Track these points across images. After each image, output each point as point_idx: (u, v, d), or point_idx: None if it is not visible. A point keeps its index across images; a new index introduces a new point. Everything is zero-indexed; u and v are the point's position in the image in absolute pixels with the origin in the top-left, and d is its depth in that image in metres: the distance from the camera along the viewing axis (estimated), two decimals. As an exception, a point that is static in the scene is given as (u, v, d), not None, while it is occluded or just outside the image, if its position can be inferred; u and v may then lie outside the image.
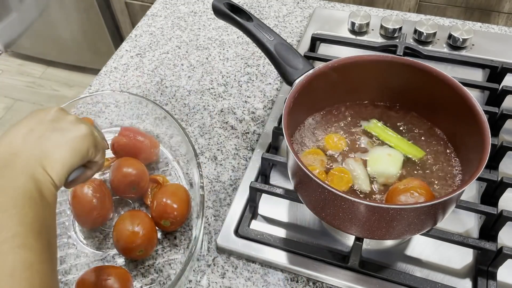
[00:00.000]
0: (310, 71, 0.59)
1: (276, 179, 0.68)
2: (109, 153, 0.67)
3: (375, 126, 0.61)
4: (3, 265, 0.34)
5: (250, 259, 0.60)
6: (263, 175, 0.67)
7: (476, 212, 0.59)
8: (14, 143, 0.42)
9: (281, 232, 0.62)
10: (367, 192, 0.55)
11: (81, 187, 0.61)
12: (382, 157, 0.57)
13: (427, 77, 0.58)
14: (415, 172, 0.57)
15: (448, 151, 0.59)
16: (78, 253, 0.61)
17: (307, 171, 0.48)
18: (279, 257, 0.59)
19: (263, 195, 0.65)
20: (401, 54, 0.80)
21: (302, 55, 0.67)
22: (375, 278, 0.56)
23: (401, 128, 0.62)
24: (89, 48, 2.11)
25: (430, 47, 0.85)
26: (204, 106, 0.80)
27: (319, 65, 0.59)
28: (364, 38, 0.88)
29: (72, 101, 0.71)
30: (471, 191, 0.64)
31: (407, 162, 0.58)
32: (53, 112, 0.46)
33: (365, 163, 0.58)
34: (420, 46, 0.83)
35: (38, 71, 2.32)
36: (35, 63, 2.34)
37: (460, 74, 0.78)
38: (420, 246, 0.60)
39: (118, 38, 2.04)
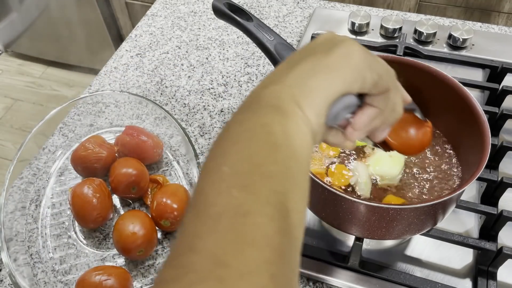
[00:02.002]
0: (310, 71, 0.59)
1: (276, 179, 0.68)
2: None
3: None
4: (212, 205, 0.25)
5: (250, 259, 0.60)
6: (263, 175, 0.67)
7: (476, 212, 0.59)
8: (269, 76, 0.34)
9: (281, 232, 0.62)
10: (367, 195, 0.55)
11: (81, 187, 0.61)
12: (383, 158, 0.57)
13: (427, 77, 0.58)
14: (416, 172, 0.57)
15: (448, 151, 0.59)
16: (78, 253, 0.61)
17: (307, 171, 0.48)
18: (279, 257, 0.59)
19: (263, 195, 0.65)
20: (401, 54, 0.80)
21: (302, 55, 0.66)
22: (375, 278, 0.56)
23: (401, 128, 0.62)
24: (89, 48, 2.11)
25: (430, 47, 0.85)
26: (204, 106, 0.80)
27: (319, 65, 0.59)
28: (364, 38, 0.88)
29: (72, 101, 0.71)
30: (471, 191, 0.64)
31: (408, 163, 0.58)
32: (322, 36, 0.36)
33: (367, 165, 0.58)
34: (420, 46, 0.83)
35: (38, 71, 2.32)
36: (35, 63, 2.34)
37: (460, 74, 0.78)
38: (420, 246, 0.60)
39: (118, 38, 2.04)
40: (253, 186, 0.26)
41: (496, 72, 0.77)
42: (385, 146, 0.47)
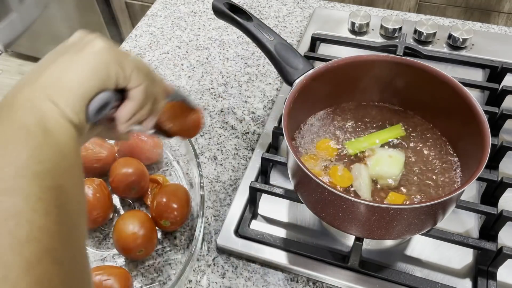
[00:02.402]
0: (310, 71, 0.59)
1: (276, 179, 0.68)
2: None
3: (355, 144, 0.60)
4: None
5: (250, 259, 0.60)
6: (263, 175, 0.67)
7: (476, 212, 0.59)
8: (21, 80, 0.34)
9: (281, 232, 0.62)
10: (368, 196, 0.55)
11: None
12: (383, 159, 0.57)
13: (427, 77, 0.58)
14: (415, 172, 0.57)
15: (448, 151, 0.59)
16: (78, 253, 0.61)
17: (307, 171, 0.48)
18: (279, 257, 0.59)
19: (263, 195, 0.65)
20: (401, 54, 0.80)
21: (302, 55, 0.67)
22: (375, 278, 0.56)
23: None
24: (89, 48, 2.11)
25: (430, 47, 0.85)
26: (204, 106, 0.80)
27: (319, 65, 0.59)
28: (364, 38, 0.88)
29: (72, 101, 0.71)
30: (471, 191, 0.64)
31: (408, 163, 0.58)
32: (72, 37, 0.38)
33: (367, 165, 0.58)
34: (420, 46, 0.83)
35: (38, 71, 2.31)
36: (35, 63, 2.34)
37: (460, 74, 0.78)
38: (420, 246, 0.60)
39: (118, 38, 2.04)
40: (21, 188, 0.27)
41: (496, 72, 0.77)
42: (165, 133, 0.51)
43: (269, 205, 0.65)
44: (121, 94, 0.38)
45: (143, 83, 0.38)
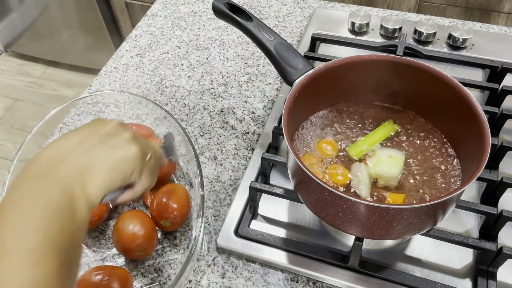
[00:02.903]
0: (310, 71, 0.59)
1: (276, 179, 0.68)
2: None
3: (356, 149, 0.60)
4: (12, 280, 0.32)
5: (250, 259, 0.60)
6: (263, 175, 0.67)
7: (476, 212, 0.59)
8: (63, 150, 0.42)
9: (281, 232, 0.62)
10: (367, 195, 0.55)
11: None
12: (383, 158, 0.57)
13: (427, 77, 0.58)
14: (415, 172, 0.57)
15: (448, 151, 0.59)
16: (78, 253, 0.61)
17: (307, 171, 0.48)
18: (279, 257, 0.59)
19: (263, 195, 0.65)
20: (401, 54, 0.80)
21: (302, 55, 0.67)
22: (375, 278, 0.56)
23: (400, 128, 0.62)
24: (89, 48, 2.11)
25: (430, 47, 0.85)
26: (204, 106, 0.80)
27: (319, 65, 0.59)
28: (364, 38, 0.88)
29: (72, 101, 0.71)
30: (471, 191, 0.64)
31: (408, 163, 0.58)
32: (110, 126, 0.46)
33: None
34: (420, 46, 0.83)
35: (38, 71, 2.32)
36: (35, 63, 2.34)
37: (460, 74, 0.78)
38: (420, 246, 0.60)
39: (118, 38, 2.04)
40: (48, 260, 0.35)
41: (496, 72, 0.77)
42: None
43: (269, 205, 0.65)
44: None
45: (147, 184, 0.48)
